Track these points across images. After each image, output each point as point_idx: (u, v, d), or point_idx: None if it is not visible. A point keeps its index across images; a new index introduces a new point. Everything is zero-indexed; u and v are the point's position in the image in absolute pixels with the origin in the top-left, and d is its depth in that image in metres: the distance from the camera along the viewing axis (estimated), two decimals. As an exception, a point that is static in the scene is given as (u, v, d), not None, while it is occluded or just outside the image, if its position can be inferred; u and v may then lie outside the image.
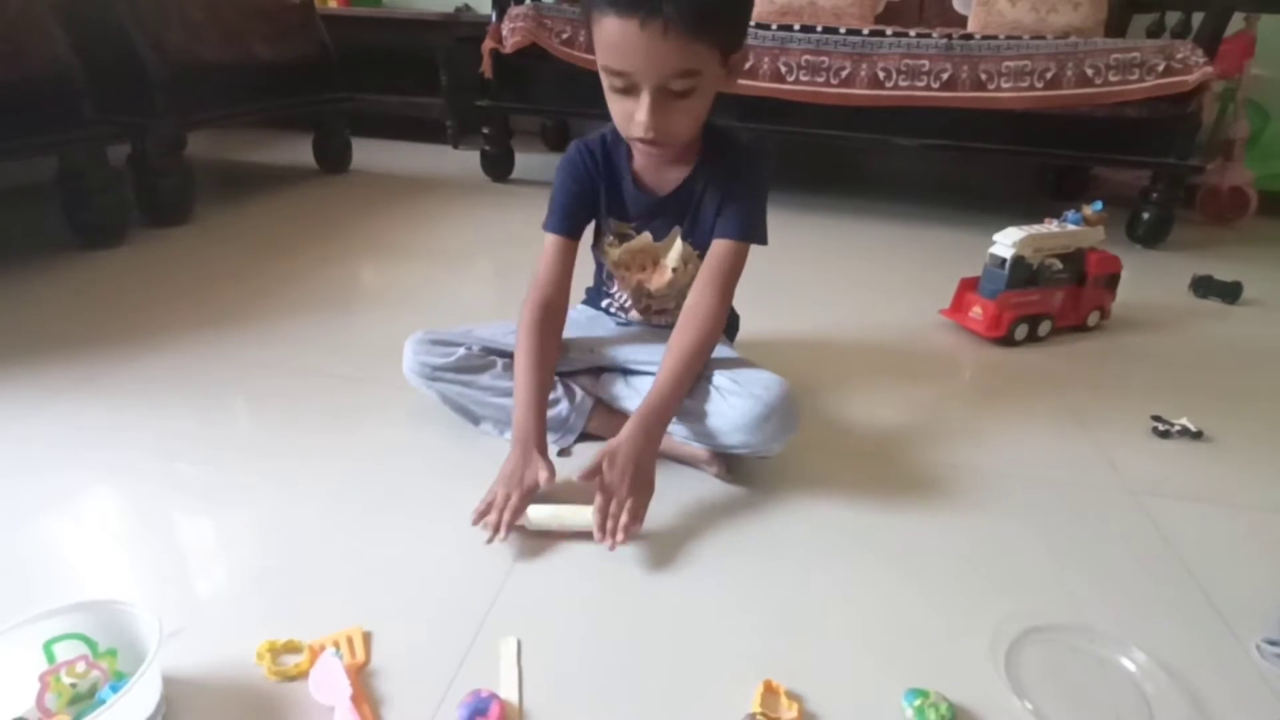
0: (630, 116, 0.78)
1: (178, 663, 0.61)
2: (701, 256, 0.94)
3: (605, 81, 0.78)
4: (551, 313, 0.91)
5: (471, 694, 0.58)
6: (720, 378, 0.89)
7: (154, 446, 0.92)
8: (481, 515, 0.78)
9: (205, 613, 0.68)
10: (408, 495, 0.85)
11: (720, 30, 0.75)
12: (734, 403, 0.85)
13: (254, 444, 0.95)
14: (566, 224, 0.92)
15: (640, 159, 0.90)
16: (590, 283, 1.10)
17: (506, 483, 0.80)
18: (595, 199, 0.93)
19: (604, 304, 1.07)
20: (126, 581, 0.72)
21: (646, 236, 0.95)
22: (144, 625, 0.56)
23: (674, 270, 0.96)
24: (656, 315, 1.03)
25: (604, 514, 0.76)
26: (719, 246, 0.89)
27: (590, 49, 0.80)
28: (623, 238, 0.96)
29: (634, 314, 1.05)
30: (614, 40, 0.73)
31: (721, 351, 0.97)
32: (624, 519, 0.76)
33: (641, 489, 0.79)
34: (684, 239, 0.94)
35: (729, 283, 0.89)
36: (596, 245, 1.01)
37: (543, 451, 0.83)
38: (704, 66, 0.75)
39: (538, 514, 0.79)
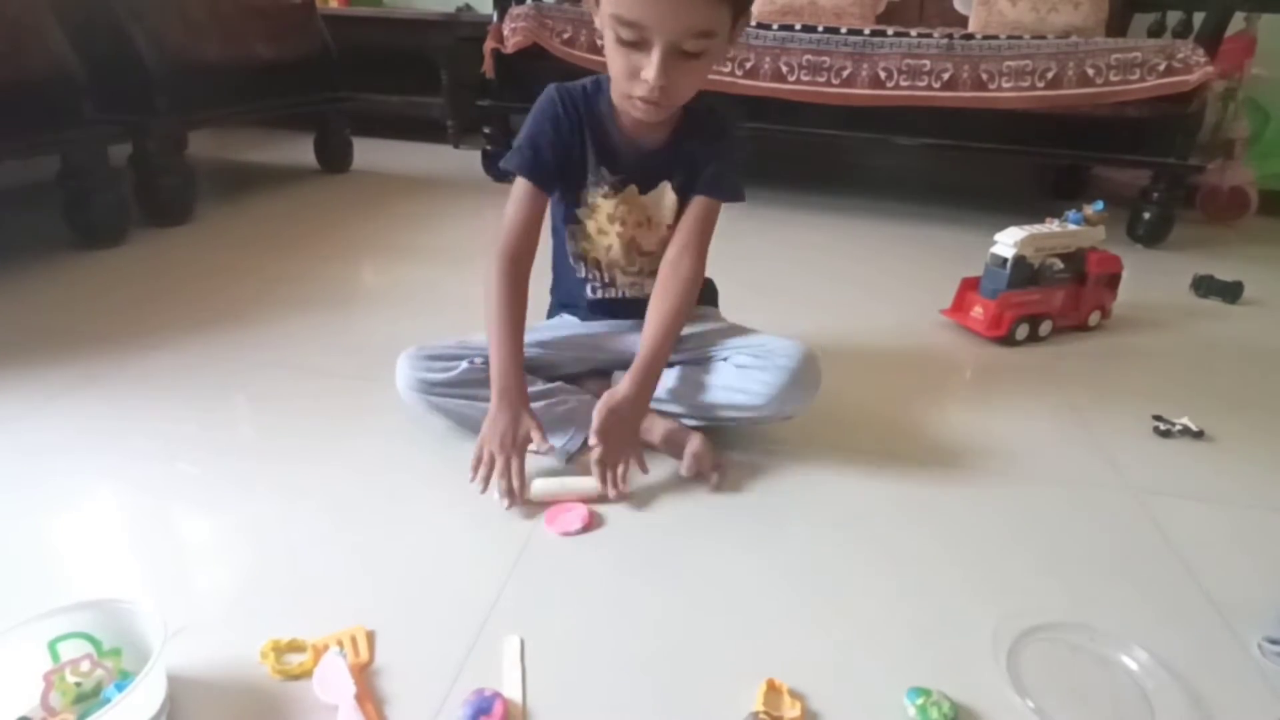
0: (635, 73, 0.75)
1: (182, 661, 0.61)
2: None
3: (612, 33, 0.75)
4: (520, 262, 0.89)
5: (475, 692, 0.58)
6: (739, 355, 0.89)
7: (156, 446, 0.92)
8: (485, 479, 0.81)
9: (209, 612, 0.68)
10: (411, 494, 0.86)
11: None
12: (759, 377, 0.87)
13: (256, 443, 0.95)
14: (538, 168, 0.88)
15: (631, 118, 0.87)
16: (550, 298, 1.07)
17: (501, 445, 0.82)
18: (574, 148, 0.89)
19: (586, 289, 1.01)
20: (130, 580, 0.72)
21: (633, 189, 0.93)
22: (148, 624, 0.56)
23: (668, 226, 0.94)
24: (649, 278, 0.97)
25: (604, 467, 0.82)
26: (700, 205, 0.90)
27: (590, 46, 0.80)
28: (615, 189, 0.92)
29: (620, 283, 1.00)
30: None
31: (720, 324, 0.97)
32: (621, 470, 0.83)
33: (632, 445, 0.86)
34: (678, 192, 0.92)
35: (705, 241, 0.91)
36: (578, 205, 0.94)
37: (527, 406, 0.85)
38: (718, 28, 0.75)
39: (543, 486, 0.82)
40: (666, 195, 0.93)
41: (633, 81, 0.77)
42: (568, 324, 1.05)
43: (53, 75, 1.48)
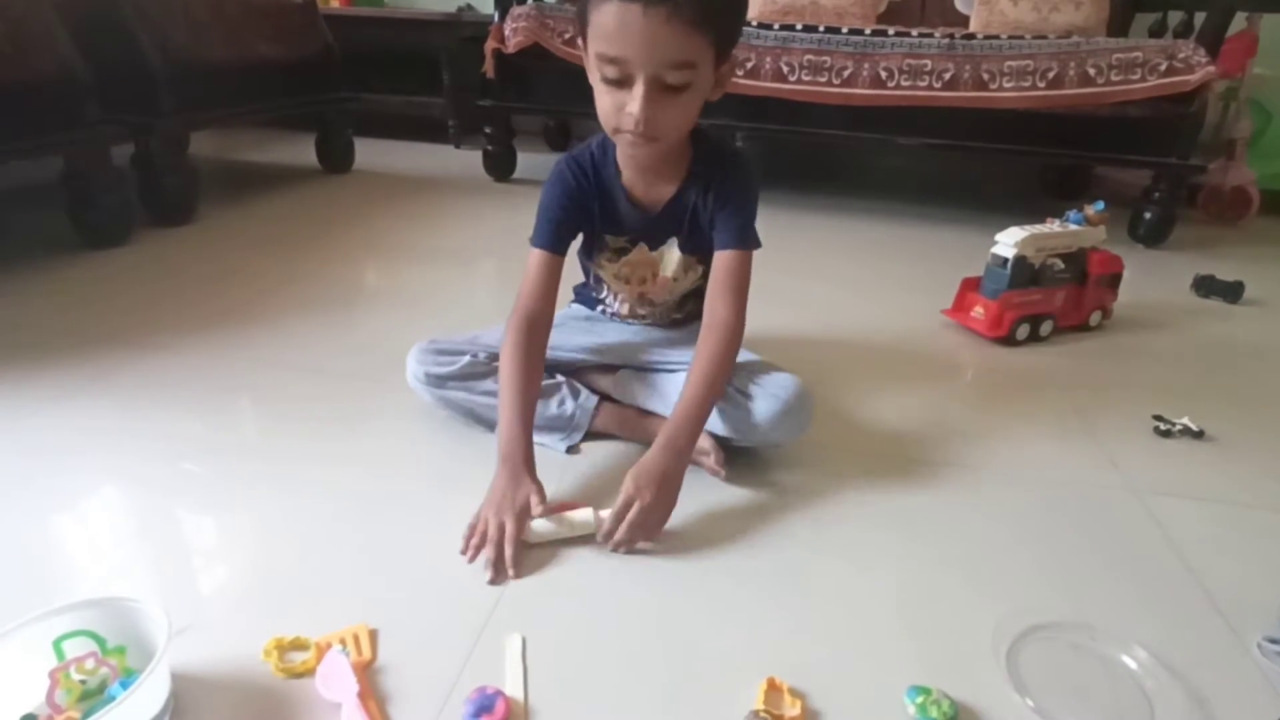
0: (621, 108, 0.76)
1: (185, 659, 0.61)
2: (699, 262, 0.95)
3: (598, 73, 0.76)
4: (537, 329, 0.89)
5: (477, 690, 0.59)
6: (739, 379, 0.90)
7: (160, 445, 0.93)
8: (475, 548, 0.75)
9: (212, 610, 0.68)
10: (414, 493, 0.86)
11: (719, 24, 0.74)
12: (755, 405, 0.88)
13: (260, 443, 0.96)
14: (553, 239, 0.90)
15: (626, 161, 0.89)
16: (578, 281, 1.09)
17: (498, 509, 0.77)
18: (586, 214, 0.92)
19: (598, 309, 1.08)
20: (134, 579, 0.72)
21: (643, 248, 0.95)
22: (152, 622, 0.57)
23: (674, 279, 0.97)
24: (662, 315, 1.04)
25: (618, 518, 0.76)
26: (725, 258, 0.89)
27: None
28: (620, 252, 0.96)
29: (632, 320, 1.06)
30: (613, 25, 0.71)
31: (741, 355, 0.98)
32: (626, 534, 0.75)
33: (663, 503, 0.78)
34: (681, 249, 0.94)
35: (740, 291, 0.89)
36: (589, 257, 1.00)
37: (531, 471, 0.81)
38: (700, 61, 0.74)
39: (539, 526, 0.77)
40: (672, 251, 0.95)
41: (620, 116, 0.77)
42: (574, 319, 1.08)
43: (57, 76, 1.49)
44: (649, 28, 0.70)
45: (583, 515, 0.78)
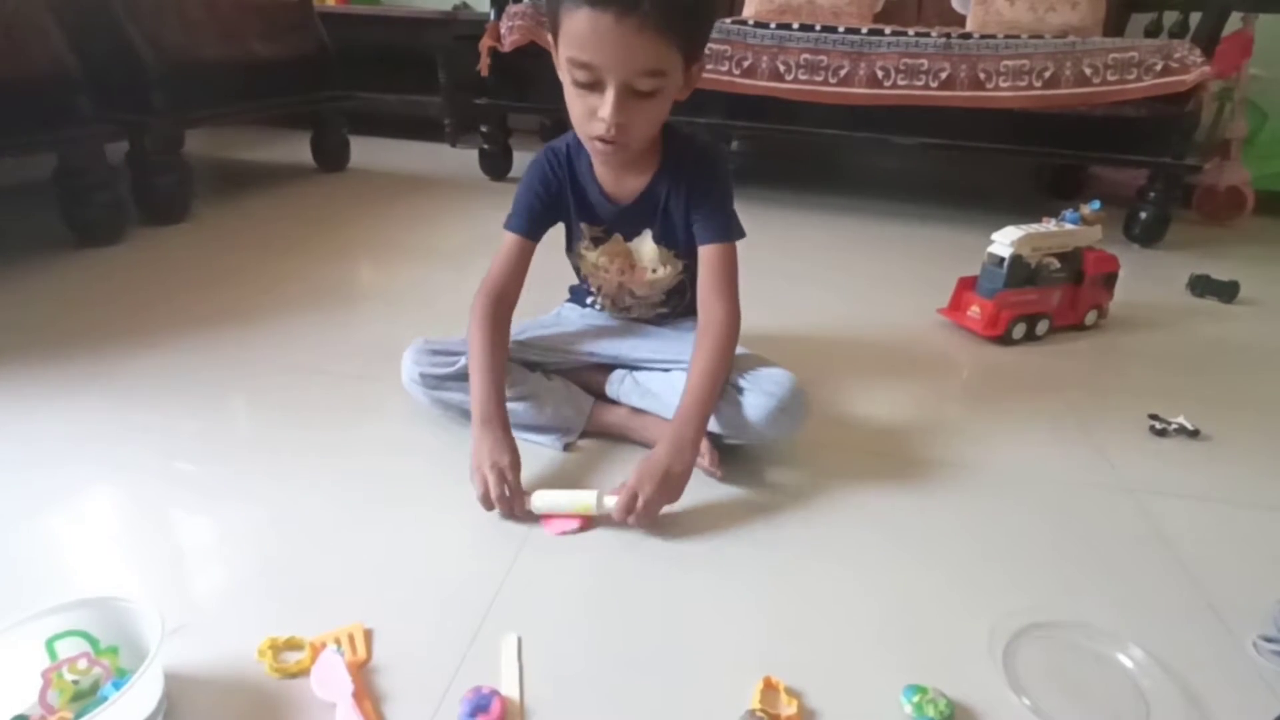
0: (592, 114, 0.77)
1: (179, 660, 0.61)
2: (678, 257, 0.96)
3: (569, 77, 0.77)
4: (503, 305, 0.92)
5: (473, 690, 0.58)
6: (734, 377, 0.90)
7: (154, 444, 0.92)
8: (497, 500, 0.79)
9: (206, 610, 0.68)
10: (409, 492, 0.86)
11: (689, 32, 0.76)
12: (749, 400, 0.88)
13: (254, 441, 0.95)
14: (528, 225, 0.93)
15: (599, 163, 0.90)
16: (572, 282, 1.11)
17: (493, 469, 0.81)
18: (561, 203, 0.94)
19: (589, 301, 1.08)
20: (128, 579, 0.72)
21: (618, 238, 0.96)
22: (145, 622, 0.56)
23: (653, 271, 0.97)
24: (646, 309, 1.04)
25: (625, 510, 0.78)
26: (709, 253, 0.90)
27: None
28: (596, 241, 0.97)
29: (619, 314, 1.06)
30: (586, 32, 0.72)
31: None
32: (634, 524, 0.78)
33: (663, 496, 0.79)
34: (656, 242, 0.95)
35: (729, 284, 0.90)
36: (570, 248, 1.01)
37: (507, 433, 0.85)
38: (670, 68, 0.76)
39: (541, 500, 0.81)
40: (646, 244, 0.96)
41: (591, 122, 0.78)
42: (568, 318, 1.08)
43: (50, 73, 1.48)
44: (622, 37, 0.71)
45: (586, 495, 0.80)
